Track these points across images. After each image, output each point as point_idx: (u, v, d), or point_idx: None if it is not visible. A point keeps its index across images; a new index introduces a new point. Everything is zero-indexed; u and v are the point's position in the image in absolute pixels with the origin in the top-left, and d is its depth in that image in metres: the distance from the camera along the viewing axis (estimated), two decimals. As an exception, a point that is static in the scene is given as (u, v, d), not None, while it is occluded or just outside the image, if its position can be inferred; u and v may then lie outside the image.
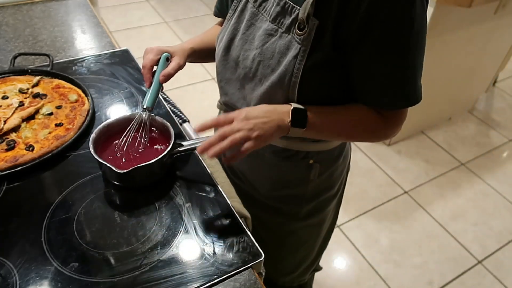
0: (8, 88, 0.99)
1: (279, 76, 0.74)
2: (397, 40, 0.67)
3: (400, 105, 0.75)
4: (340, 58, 0.71)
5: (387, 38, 0.67)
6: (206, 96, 2.65)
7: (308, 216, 1.02)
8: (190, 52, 0.89)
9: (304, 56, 0.71)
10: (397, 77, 0.71)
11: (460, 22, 1.91)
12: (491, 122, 2.65)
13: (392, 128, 0.80)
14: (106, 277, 0.66)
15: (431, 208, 2.05)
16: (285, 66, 0.72)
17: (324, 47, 0.70)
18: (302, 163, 0.90)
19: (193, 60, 0.93)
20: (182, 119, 1.03)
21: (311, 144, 0.87)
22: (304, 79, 0.72)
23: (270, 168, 0.93)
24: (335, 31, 0.68)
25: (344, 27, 0.68)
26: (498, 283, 1.76)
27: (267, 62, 0.75)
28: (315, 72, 0.72)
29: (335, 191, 1.02)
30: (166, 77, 0.83)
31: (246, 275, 0.69)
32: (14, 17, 1.34)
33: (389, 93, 0.73)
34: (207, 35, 0.96)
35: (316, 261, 1.26)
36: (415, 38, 0.68)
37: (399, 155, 2.34)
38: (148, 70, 0.84)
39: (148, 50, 0.86)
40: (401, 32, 0.67)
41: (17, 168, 0.81)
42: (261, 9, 0.77)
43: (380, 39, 0.67)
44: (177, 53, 0.87)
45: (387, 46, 0.68)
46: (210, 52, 0.94)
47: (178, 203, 0.79)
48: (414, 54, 0.70)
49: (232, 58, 0.82)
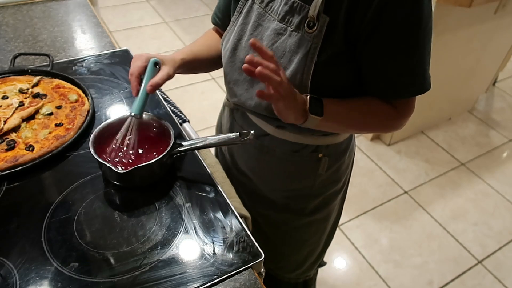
0: (8, 88, 0.99)
1: (291, 74, 0.75)
2: (408, 32, 0.69)
3: (411, 93, 0.77)
4: (351, 52, 0.72)
5: (398, 30, 0.68)
6: (206, 96, 2.65)
7: (314, 211, 1.03)
8: (181, 63, 0.86)
9: (315, 53, 0.72)
10: (408, 66, 0.73)
11: (460, 22, 1.91)
12: (491, 122, 2.65)
13: (403, 118, 0.81)
14: (106, 277, 0.66)
15: (431, 208, 2.05)
16: (297, 64, 0.73)
17: (335, 43, 0.71)
18: (311, 157, 0.91)
19: (183, 72, 0.90)
20: (182, 119, 1.03)
21: (320, 137, 0.88)
22: (316, 75, 0.73)
23: (280, 163, 0.93)
24: (346, 26, 0.69)
25: (355, 21, 0.69)
26: (498, 283, 1.76)
27: (278, 61, 0.75)
28: (327, 68, 0.73)
29: (340, 185, 1.03)
30: (153, 87, 0.78)
31: (246, 275, 0.69)
32: (14, 17, 1.34)
33: (400, 82, 0.75)
34: (197, 46, 0.94)
35: (321, 256, 1.27)
36: (424, 29, 0.69)
37: (399, 155, 2.34)
38: (135, 78, 0.80)
39: (136, 57, 0.82)
40: (411, 24, 0.68)
41: (17, 168, 0.81)
42: (268, 9, 0.77)
43: (391, 32, 0.69)
44: (167, 62, 0.83)
45: (397, 38, 0.69)
46: (201, 64, 0.93)
47: (178, 203, 0.79)
48: (423, 43, 0.71)
49: (239, 59, 0.83)
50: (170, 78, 0.82)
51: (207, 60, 0.94)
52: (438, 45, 1.91)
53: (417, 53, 0.72)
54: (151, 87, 0.78)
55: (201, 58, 0.93)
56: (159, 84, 0.79)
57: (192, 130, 1.02)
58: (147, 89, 0.78)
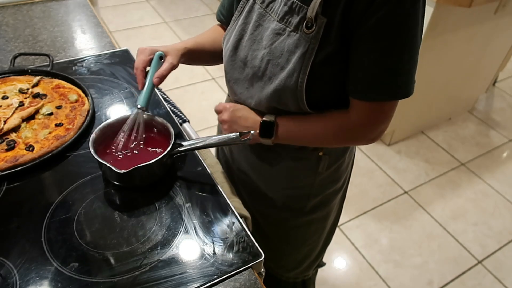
0: (8, 88, 0.99)
1: (288, 73, 0.75)
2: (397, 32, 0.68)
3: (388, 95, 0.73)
4: (345, 51, 0.72)
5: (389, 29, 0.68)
6: (206, 96, 2.65)
7: (313, 210, 1.03)
8: (184, 52, 0.89)
9: (313, 54, 0.72)
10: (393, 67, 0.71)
11: (460, 22, 1.91)
12: (491, 122, 2.65)
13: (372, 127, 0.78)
14: (106, 277, 0.66)
15: (431, 208, 2.05)
16: (294, 63, 0.74)
17: (331, 42, 0.71)
18: (312, 155, 0.91)
19: (186, 61, 0.92)
20: (182, 119, 1.03)
21: None
22: (313, 75, 0.74)
23: (280, 161, 0.94)
24: (342, 25, 0.70)
25: (350, 20, 0.69)
26: (498, 283, 1.76)
27: (276, 60, 0.77)
28: (324, 67, 0.73)
29: (340, 185, 1.03)
30: (160, 78, 0.82)
31: (246, 275, 0.69)
32: (14, 17, 1.34)
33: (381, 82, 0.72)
34: (203, 37, 0.96)
35: (320, 256, 1.27)
36: (412, 33, 0.69)
37: (399, 155, 2.34)
38: (140, 72, 0.83)
39: (140, 51, 0.85)
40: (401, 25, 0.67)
41: (17, 168, 0.81)
42: (268, 9, 0.78)
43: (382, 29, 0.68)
44: (170, 52, 0.86)
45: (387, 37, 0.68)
46: (204, 54, 0.94)
47: (178, 203, 0.79)
48: (410, 46, 0.70)
49: (240, 58, 0.83)
50: (175, 68, 0.86)
51: (210, 52, 0.96)
52: (438, 45, 1.91)
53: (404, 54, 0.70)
54: (158, 79, 0.82)
55: (205, 49, 0.94)
56: (164, 76, 0.83)
57: (192, 130, 1.02)
58: (154, 81, 0.83)
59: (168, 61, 0.84)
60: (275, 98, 0.79)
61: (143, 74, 0.84)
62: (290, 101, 0.78)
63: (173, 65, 0.84)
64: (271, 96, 0.79)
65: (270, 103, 0.81)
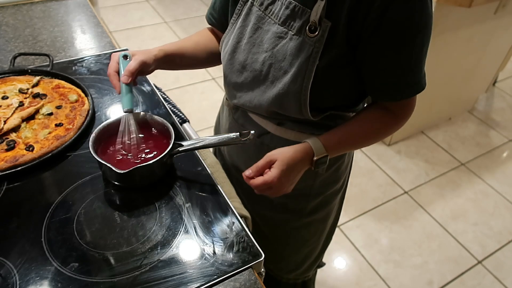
0: (8, 88, 0.99)
1: (292, 77, 0.74)
2: (409, 33, 0.69)
3: (414, 91, 0.77)
4: (352, 54, 0.72)
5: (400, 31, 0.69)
6: (206, 96, 2.65)
7: (313, 212, 1.03)
8: (159, 54, 0.84)
9: (317, 57, 0.71)
10: (409, 66, 0.73)
11: (460, 22, 1.91)
12: (491, 122, 2.65)
13: (403, 120, 0.82)
14: (106, 277, 0.66)
15: (431, 208, 2.05)
16: (298, 67, 0.73)
17: (337, 45, 0.71)
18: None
19: (166, 66, 0.88)
20: (182, 119, 1.03)
21: None
22: (317, 78, 0.73)
23: None
24: (348, 28, 0.69)
25: (357, 23, 0.69)
26: (498, 283, 1.76)
27: (279, 64, 0.76)
28: (328, 70, 0.73)
29: (340, 185, 1.03)
30: (127, 76, 0.78)
31: (246, 275, 0.69)
32: (14, 17, 1.34)
33: (401, 84, 0.75)
34: (185, 41, 0.93)
35: (320, 257, 1.27)
36: (423, 31, 0.70)
37: (399, 155, 2.34)
38: (113, 77, 0.81)
39: (111, 57, 0.83)
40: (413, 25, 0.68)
41: (17, 168, 0.81)
42: (267, 12, 0.77)
43: (392, 32, 0.69)
44: (138, 52, 0.83)
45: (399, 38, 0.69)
46: (185, 58, 0.91)
47: (178, 203, 0.79)
48: (422, 44, 0.71)
49: (238, 61, 0.82)
50: (146, 65, 0.81)
51: (192, 57, 0.93)
52: (438, 45, 1.91)
53: (417, 52, 0.72)
54: (125, 77, 0.78)
55: (185, 53, 0.91)
56: (131, 72, 0.78)
57: (192, 130, 1.02)
58: (122, 79, 0.78)
59: (134, 59, 0.80)
60: (277, 102, 0.79)
61: (116, 78, 0.81)
62: (292, 105, 0.78)
63: (142, 62, 0.79)
64: (273, 100, 0.79)
65: (270, 107, 0.81)
